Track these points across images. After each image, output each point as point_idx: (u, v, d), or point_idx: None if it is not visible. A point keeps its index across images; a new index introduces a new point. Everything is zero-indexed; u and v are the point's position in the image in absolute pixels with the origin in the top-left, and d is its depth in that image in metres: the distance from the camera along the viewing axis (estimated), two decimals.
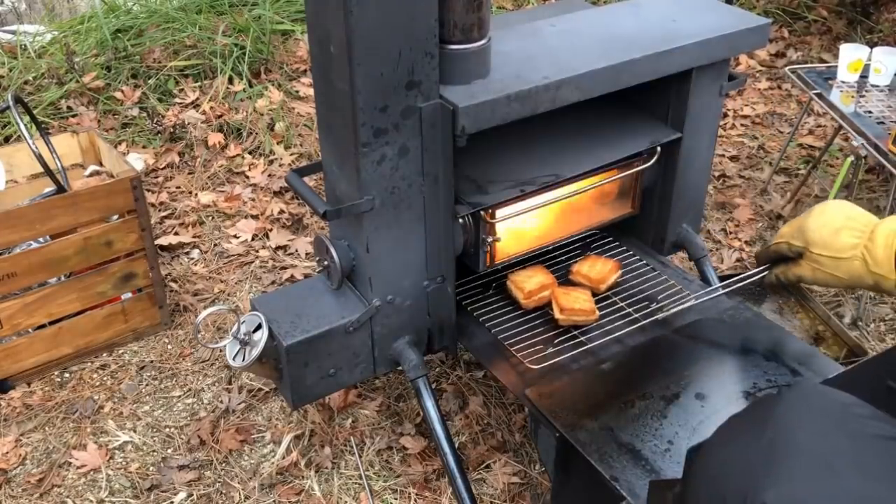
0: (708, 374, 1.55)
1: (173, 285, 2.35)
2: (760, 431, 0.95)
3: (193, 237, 2.56)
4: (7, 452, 1.86)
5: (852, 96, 2.47)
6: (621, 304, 1.76)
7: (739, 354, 1.60)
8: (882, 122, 2.32)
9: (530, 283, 1.73)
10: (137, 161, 2.80)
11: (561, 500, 1.52)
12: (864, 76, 2.55)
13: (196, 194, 2.75)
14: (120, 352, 2.14)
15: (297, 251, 2.50)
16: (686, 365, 1.56)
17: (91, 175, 2.24)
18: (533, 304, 1.73)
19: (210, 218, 2.66)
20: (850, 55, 2.52)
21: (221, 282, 2.39)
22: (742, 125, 3.25)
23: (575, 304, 1.68)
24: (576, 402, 1.48)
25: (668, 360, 1.58)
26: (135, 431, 1.93)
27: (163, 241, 2.50)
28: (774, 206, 2.70)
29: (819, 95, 2.45)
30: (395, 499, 1.76)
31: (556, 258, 1.89)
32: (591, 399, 1.49)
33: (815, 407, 0.97)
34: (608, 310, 1.74)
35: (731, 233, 2.60)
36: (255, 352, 1.49)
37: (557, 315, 1.68)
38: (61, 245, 1.94)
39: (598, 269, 1.79)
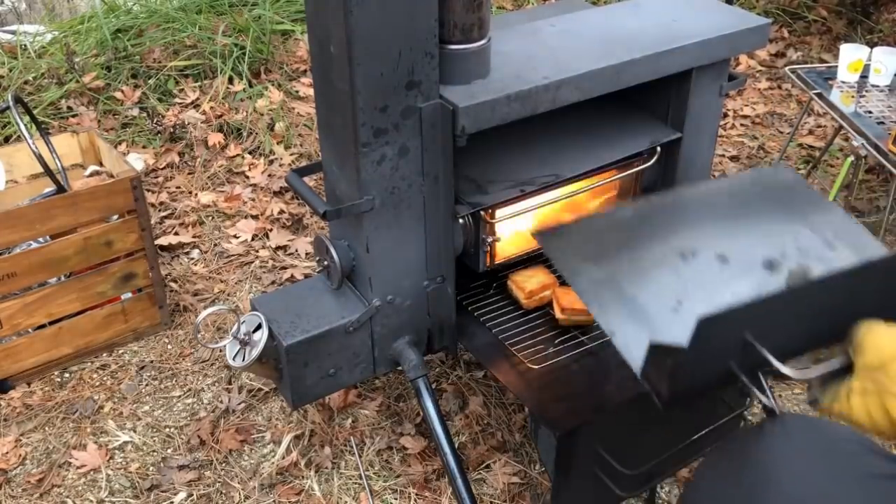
0: (734, 234, 1.38)
1: (173, 285, 2.35)
2: (741, 474, 0.93)
3: (193, 237, 2.56)
4: (7, 452, 1.86)
5: (852, 96, 2.47)
6: None
7: (773, 217, 1.42)
8: (882, 122, 2.32)
9: (531, 283, 1.73)
10: (137, 161, 2.80)
11: (561, 500, 1.52)
12: (864, 76, 2.55)
13: (196, 194, 2.75)
14: (120, 352, 2.14)
15: (297, 251, 2.50)
16: (712, 221, 1.40)
17: (91, 175, 2.24)
18: (534, 304, 1.73)
19: (210, 218, 2.66)
20: (850, 55, 2.52)
21: (221, 282, 2.39)
22: (742, 125, 3.25)
23: (576, 303, 1.67)
24: (582, 247, 1.33)
25: (693, 215, 1.42)
26: (135, 431, 1.93)
27: (163, 241, 2.50)
28: None
29: (819, 95, 2.45)
30: (395, 499, 1.76)
31: None
32: (600, 246, 1.33)
33: (798, 446, 0.94)
34: None
35: None
36: (255, 352, 1.49)
37: (558, 315, 1.68)
38: (61, 245, 1.94)
39: None
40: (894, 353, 0.96)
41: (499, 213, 1.60)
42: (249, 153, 2.95)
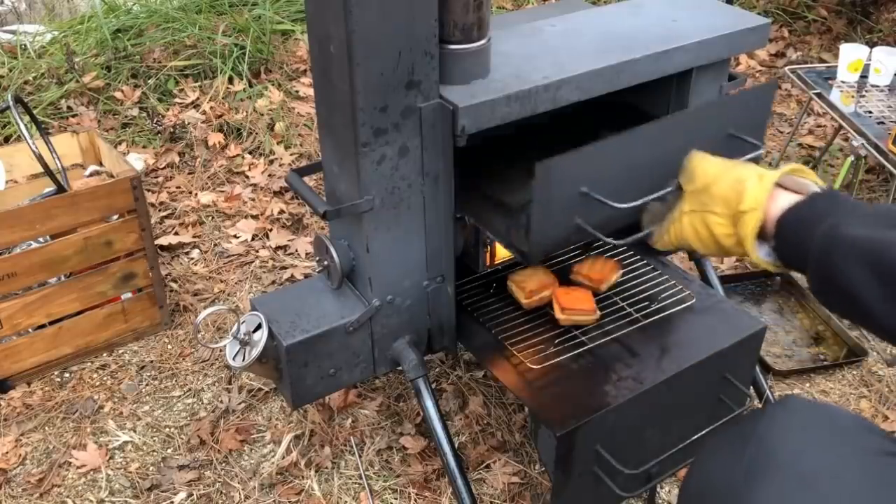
0: None
1: (173, 285, 2.35)
2: (742, 448, 0.95)
3: (193, 237, 2.56)
4: (7, 452, 1.86)
5: (852, 96, 2.47)
6: (622, 304, 1.76)
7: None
8: (882, 122, 2.32)
9: (531, 283, 1.73)
10: (137, 161, 2.80)
11: (561, 500, 1.52)
12: (864, 76, 2.55)
13: (196, 194, 2.75)
14: (120, 352, 2.14)
15: (297, 251, 2.51)
16: None
17: (91, 175, 2.24)
18: (534, 304, 1.73)
19: (210, 218, 2.66)
20: (850, 55, 2.53)
21: (221, 282, 2.39)
22: None
23: (576, 303, 1.67)
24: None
25: None
26: (135, 431, 1.93)
27: (163, 241, 2.50)
28: None
29: (819, 95, 2.45)
30: (395, 499, 1.76)
31: (557, 257, 1.89)
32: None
33: (798, 423, 0.96)
34: (609, 309, 1.74)
35: None
36: (255, 352, 1.49)
37: (558, 315, 1.68)
38: (61, 245, 1.94)
39: (599, 268, 1.79)
40: (717, 176, 1.11)
41: None
42: (249, 153, 2.95)
